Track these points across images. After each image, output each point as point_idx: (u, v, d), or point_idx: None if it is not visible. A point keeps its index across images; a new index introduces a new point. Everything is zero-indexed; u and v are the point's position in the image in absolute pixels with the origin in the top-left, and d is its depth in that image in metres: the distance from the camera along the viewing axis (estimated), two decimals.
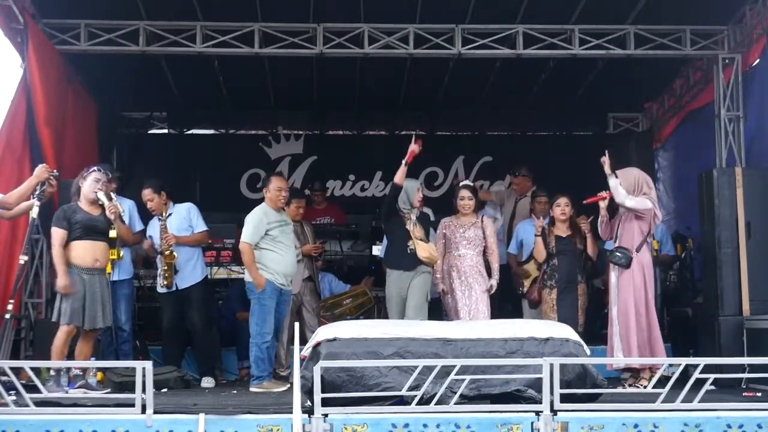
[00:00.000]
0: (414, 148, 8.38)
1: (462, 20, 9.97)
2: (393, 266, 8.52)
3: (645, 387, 7.53)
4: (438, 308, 9.03)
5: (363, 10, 9.79)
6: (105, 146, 11.70)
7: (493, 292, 8.61)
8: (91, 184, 7.64)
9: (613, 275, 8.15)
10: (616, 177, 8.16)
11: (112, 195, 8.38)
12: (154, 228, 8.84)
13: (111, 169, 8.78)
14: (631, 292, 7.99)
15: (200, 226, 8.90)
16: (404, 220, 8.45)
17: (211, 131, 13.89)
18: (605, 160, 8.24)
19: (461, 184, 8.92)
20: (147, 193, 8.76)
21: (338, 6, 9.74)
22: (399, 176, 8.36)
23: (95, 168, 7.83)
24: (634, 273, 8.00)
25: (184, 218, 8.85)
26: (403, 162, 8.35)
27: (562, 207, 8.74)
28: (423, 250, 8.36)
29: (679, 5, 9.73)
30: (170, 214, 8.79)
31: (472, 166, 13.36)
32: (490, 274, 8.66)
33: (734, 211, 8.89)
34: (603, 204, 8.31)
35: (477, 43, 9.98)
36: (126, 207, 8.69)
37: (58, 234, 7.47)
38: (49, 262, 9.00)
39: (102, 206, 7.63)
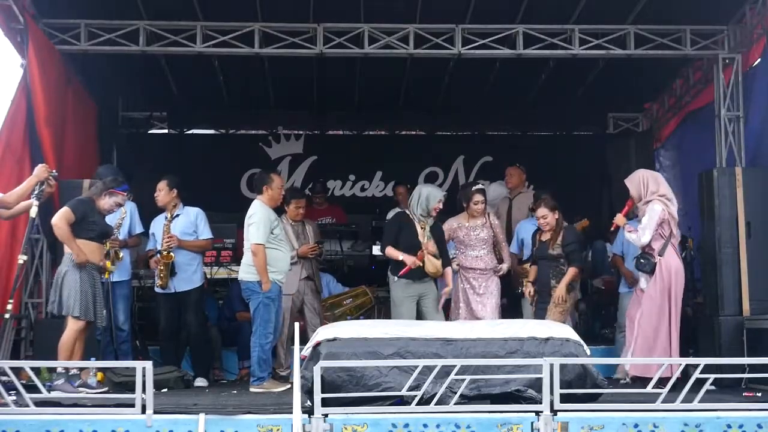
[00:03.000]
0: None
1: (462, 20, 9.97)
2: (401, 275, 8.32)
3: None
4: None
5: (363, 10, 9.78)
6: (105, 146, 11.70)
7: (502, 273, 8.74)
8: (111, 207, 7.84)
9: (642, 279, 8.10)
10: (629, 229, 8.14)
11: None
12: (158, 225, 8.83)
13: (114, 171, 8.77)
14: (647, 298, 7.92)
15: (205, 233, 8.88)
16: (416, 228, 8.35)
17: (211, 131, 13.90)
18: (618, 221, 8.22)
19: (475, 188, 8.78)
20: (161, 185, 8.78)
21: (338, 6, 9.73)
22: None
23: (127, 194, 8.11)
24: (662, 278, 7.94)
25: (190, 222, 8.82)
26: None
27: (540, 220, 8.66)
28: (432, 265, 8.28)
29: (679, 5, 9.72)
30: (178, 215, 8.78)
31: (472, 166, 13.38)
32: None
33: (734, 211, 8.88)
34: (622, 222, 8.21)
35: (477, 43, 9.97)
36: (128, 209, 8.71)
37: (67, 215, 7.46)
38: (51, 262, 9.02)
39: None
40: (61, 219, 7.46)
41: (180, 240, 8.66)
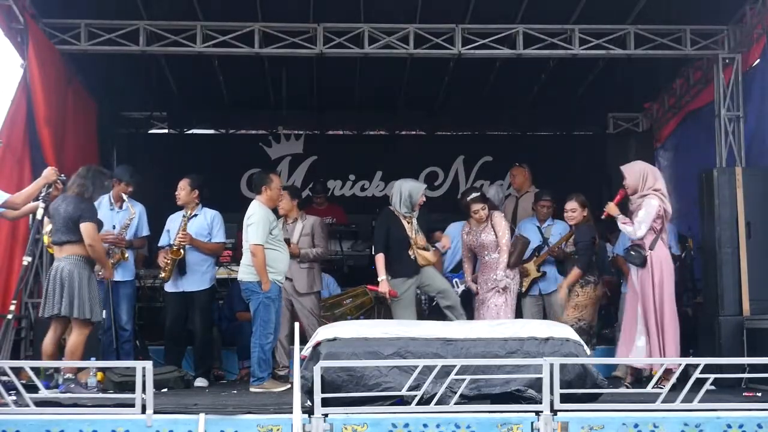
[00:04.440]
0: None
1: (462, 20, 9.97)
2: (395, 274, 8.34)
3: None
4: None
5: (363, 10, 9.79)
6: (105, 146, 11.71)
7: (502, 285, 8.49)
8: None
9: (633, 274, 8.06)
10: (623, 221, 8.03)
11: (124, 197, 8.47)
12: (174, 221, 8.84)
13: (131, 172, 8.76)
14: (650, 291, 7.93)
15: (219, 237, 8.87)
16: (402, 223, 8.36)
17: (211, 131, 13.89)
18: (610, 210, 8.10)
19: (470, 198, 8.65)
20: (182, 184, 8.77)
21: (338, 6, 9.74)
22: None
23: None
24: (652, 271, 7.93)
25: (207, 224, 8.82)
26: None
27: (568, 212, 8.69)
28: (423, 259, 8.33)
29: (679, 5, 9.73)
30: (195, 215, 8.78)
31: (472, 166, 13.38)
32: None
33: (734, 211, 8.89)
34: (615, 212, 8.17)
35: (477, 43, 9.97)
36: (137, 210, 8.70)
37: (96, 230, 7.50)
38: (50, 262, 9.00)
39: None
40: (96, 238, 7.45)
41: (193, 239, 8.67)
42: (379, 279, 8.35)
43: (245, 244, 8.15)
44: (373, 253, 8.61)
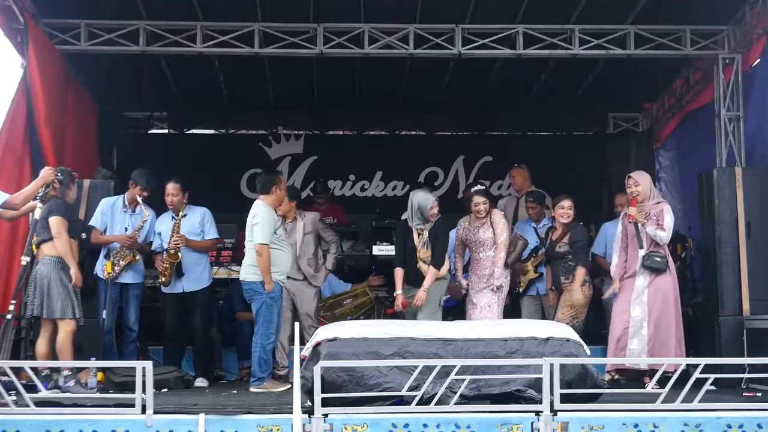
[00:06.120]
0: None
1: (462, 20, 9.97)
2: (407, 283, 8.44)
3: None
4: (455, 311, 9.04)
5: (363, 10, 9.79)
6: (105, 146, 11.71)
7: (497, 284, 8.43)
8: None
9: (642, 278, 8.07)
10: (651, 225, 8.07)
11: (139, 199, 8.45)
12: (164, 224, 8.82)
13: (147, 177, 8.73)
14: (672, 295, 7.98)
15: (212, 233, 8.89)
16: (413, 235, 8.37)
17: (211, 131, 13.89)
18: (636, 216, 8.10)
19: (474, 190, 8.67)
20: (174, 189, 8.73)
21: (338, 6, 9.74)
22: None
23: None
24: (670, 275, 8.00)
25: (198, 222, 8.82)
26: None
27: (565, 209, 8.64)
28: (423, 272, 8.32)
29: (679, 5, 9.73)
30: (185, 215, 8.77)
31: (472, 166, 13.37)
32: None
33: (734, 211, 8.90)
34: (641, 217, 8.14)
35: (477, 43, 9.98)
36: (150, 215, 8.70)
37: (65, 223, 7.60)
38: None
39: None
40: (62, 231, 7.53)
41: (187, 239, 8.67)
42: (395, 293, 8.45)
43: (248, 244, 8.15)
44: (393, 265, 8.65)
